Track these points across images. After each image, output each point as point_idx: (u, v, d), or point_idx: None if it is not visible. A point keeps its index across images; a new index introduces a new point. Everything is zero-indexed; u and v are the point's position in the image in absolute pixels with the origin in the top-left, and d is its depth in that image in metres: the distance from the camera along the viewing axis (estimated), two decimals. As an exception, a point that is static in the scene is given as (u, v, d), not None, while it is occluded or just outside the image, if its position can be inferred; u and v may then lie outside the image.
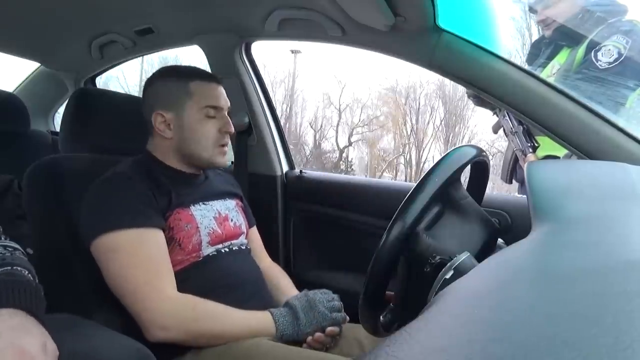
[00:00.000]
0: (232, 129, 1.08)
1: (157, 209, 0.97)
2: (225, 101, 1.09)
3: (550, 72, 1.64)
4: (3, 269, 0.66)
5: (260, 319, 0.95)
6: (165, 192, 1.00)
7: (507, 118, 1.51)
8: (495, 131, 1.65)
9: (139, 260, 0.91)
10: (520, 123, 1.49)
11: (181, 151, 1.06)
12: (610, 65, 1.46)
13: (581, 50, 1.56)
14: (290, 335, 0.96)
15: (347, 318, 1.03)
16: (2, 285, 0.60)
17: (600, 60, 1.47)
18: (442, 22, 1.00)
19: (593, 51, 1.50)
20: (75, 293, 1.01)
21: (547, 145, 1.48)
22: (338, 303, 1.02)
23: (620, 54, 1.46)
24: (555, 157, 1.52)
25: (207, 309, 0.92)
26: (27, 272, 0.68)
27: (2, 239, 0.76)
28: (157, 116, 1.04)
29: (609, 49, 1.47)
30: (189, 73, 1.08)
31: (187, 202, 1.03)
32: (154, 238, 0.94)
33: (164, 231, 0.97)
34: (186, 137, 1.05)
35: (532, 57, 1.75)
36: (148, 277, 0.90)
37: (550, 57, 1.66)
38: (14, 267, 0.67)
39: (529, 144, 1.48)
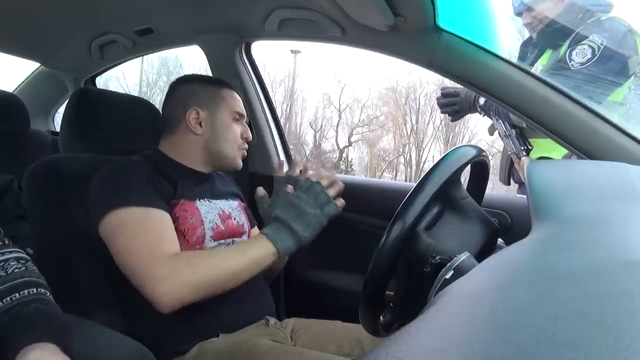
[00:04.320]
0: (251, 137, 1.16)
1: (162, 195, 0.99)
2: (244, 110, 1.17)
3: None
4: (31, 291, 0.68)
5: (257, 245, 0.93)
6: (171, 181, 1.02)
7: (500, 122, 1.50)
8: (491, 133, 1.65)
9: (144, 233, 0.91)
10: (513, 126, 1.49)
11: (208, 148, 1.10)
12: (582, 66, 1.44)
13: (562, 50, 1.55)
14: (293, 246, 0.94)
15: (343, 202, 0.99)
16: (47, 318, 0.65)
17: (574, 60, 1.46)
18: (442, 22, 1.00)
19: (568, 51, 1.48)
20: (75, 293, 1.01)
21: (540, 147, 1.48)
22: (324, 194, 0.96)
23: (593, 54, 1.44)
24: (550, 160, 1.52)
25: (201, 254, 0.94)
26: (49, 294, 0.70)
27: (7, 242, 0.76)
28: (192, 112, 1.09)
29: (583, 49, 1.45)
30: (218, 81, 1.19)
31: (192, 196, 1.05)
32: (160, 216, 0.95)
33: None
34: (216, 136, 1.10)
35: (520, 60, 1.74)
36: (151, 249, 0.90)
37: (536, 60, 1.65)
38: (39, 290, 0.69)
39: (523, 147, 1.48)
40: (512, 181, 1.73)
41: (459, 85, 1.27)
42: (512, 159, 1.55)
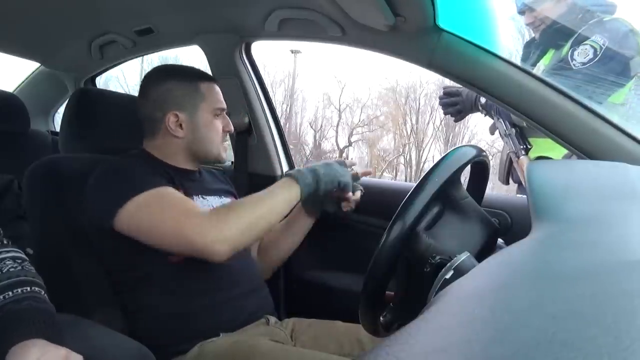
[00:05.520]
0: (232, 128, 1.15)
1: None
2: (224, 103, 1.15)
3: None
4: (24, 290, 0.68)
5: (280, 182, 1.00)
6: (168, 178, 1.02)
7: (501, 120, 1.51)
8: (492, 132, 1.66)
9: (172, 203, 0.93)
10: (513, 125, 1.49)
11: (191, 149, 1.09)
12: (584, 66, 1.45)
13: (565, 50, 1.55)
14: (311, 182, 0.99)
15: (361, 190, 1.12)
16: (38, 315, 0.65)
17: (575, 60, 1.47)
18: (442, 22, 1.00)
19: (570, 51, 1.49)
20: (75, 293, 1.01)
21: (539, 147, 1.49)
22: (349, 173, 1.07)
23: (595, 54, 1.44)
24: (548, 159, 1.53)
25: (235, 203, 0.99)
26: (43, 292, 0.70)
27: (5, 242, 0.76)
28: (171, 116, 1.06)
29: (585, 49, 1.46)
30: (195, 74, 1.12)
31: (189, 192, 1.04)
32: (175, 191, 0.97)
33: None
34: (199, 137, 1.08)
35: (523, 60, 1.75)
36: (186, 212, 0.91)
37: (538, 60, 1.66)
38: (33, 289, 0.69)
39: (522, 146, 1.48)
40: (511, 181, 1.73)
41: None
42: (512, 158, 1.55)
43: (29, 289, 0.68)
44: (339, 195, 1.08)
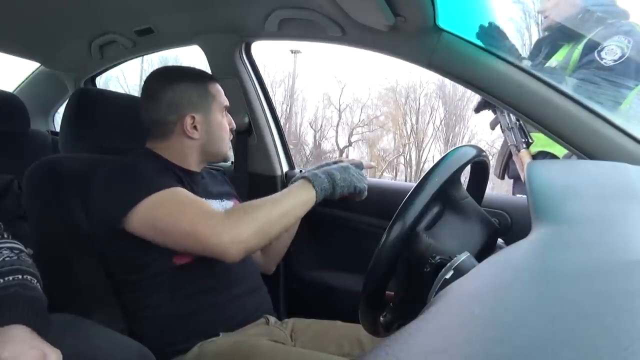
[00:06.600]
0: (235, 125, 1.17)
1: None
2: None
3: None
4: (16, 277, 0.67)
5: (296, 185, 0.97)
6: (177, 179, 1.01)
7: (505, 114, 1.54)
8: (492, 127, 1.67)
9: (186, 202, 0.93)
10: (516, 119, 1.52)
11: (204, 149, 1.10)
12: (616, 63, 1.50)
13: (579, 48, 1.59)
14: (328, 187, 0.97)
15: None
16: (22, 302, 0.64)
17: (605, 59, 1.52)
18: (442, 22, 1.00)
19: (596, 51, 1.54)
20: (75, 293, 1.01)
21: (540, 141, 1.51)
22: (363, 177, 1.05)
23: (623, 53, 1.50)
24: (548, 153, 1.55)
25: (251, 205, 0.94)
26: (36, 282, 0.70)
27: (5, 236, 0.76)
28: (188, 119, 1.06)
29: (612, 48, 1.52)
30: (202, 75, 1.13)
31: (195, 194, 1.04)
32: (187, 191, 0.96)
33: None
34: (213, 137, 1.10)
35: (533, 57, 1.78)
36: (201, 212, 0.91)
37: (549, 56, 1.69)
38: (25, 277, 0.69)
39: (523, 140, 1.51)
40: (506, 176, 1.75)
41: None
42: (511, 151, 1.57)
43: (20, 277, 0.68)
44: (352, 198, 1.05)
